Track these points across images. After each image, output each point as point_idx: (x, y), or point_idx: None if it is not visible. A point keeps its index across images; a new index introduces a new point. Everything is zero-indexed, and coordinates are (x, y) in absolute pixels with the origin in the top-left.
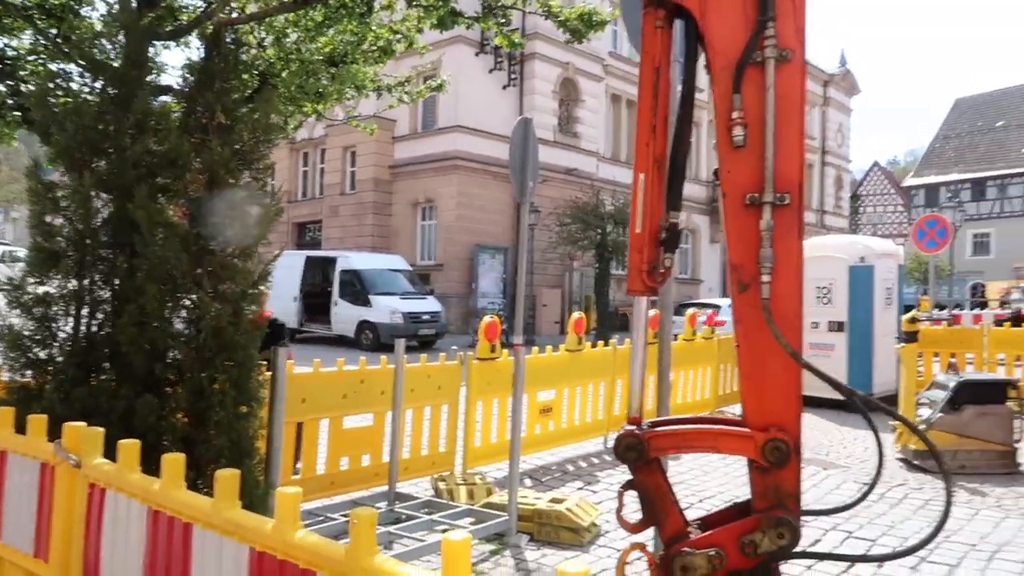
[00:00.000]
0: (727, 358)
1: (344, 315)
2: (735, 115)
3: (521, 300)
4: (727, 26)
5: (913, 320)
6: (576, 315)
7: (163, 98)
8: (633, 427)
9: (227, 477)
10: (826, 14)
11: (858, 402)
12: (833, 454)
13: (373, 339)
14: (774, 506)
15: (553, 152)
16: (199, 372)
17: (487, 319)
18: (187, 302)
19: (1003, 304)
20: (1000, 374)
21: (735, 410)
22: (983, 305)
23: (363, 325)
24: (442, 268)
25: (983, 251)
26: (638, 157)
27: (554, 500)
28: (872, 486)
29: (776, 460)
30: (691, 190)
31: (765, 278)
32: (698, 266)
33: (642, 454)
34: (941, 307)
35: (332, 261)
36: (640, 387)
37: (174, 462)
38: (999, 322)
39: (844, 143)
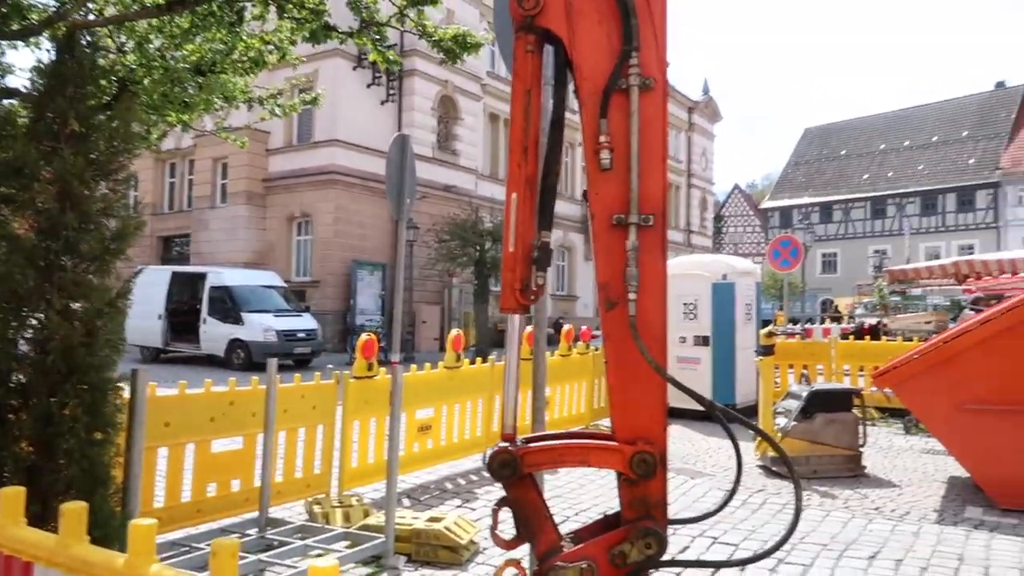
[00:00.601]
0: (601, 372)
1: (214, 333)
2: (602, 139)
3: (399, 317)
4: (594, 54)
5: (770, 334)
6: (454, 332)
7: (8, 101)
8: (507, 444)
9: (74, 510)
10: (691, 45)
11: (717, 414)
12: (700, 463)
13: (245, 358)
14: (642, 516)
15: (432, 169)
16: (47, 397)
17: (364, 336)
18: (34, 321)
19: (849, 319)
20: (846, 384)
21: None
22: (838, 319)
23: (234, 344)
24: (319, 285)
25: (831, 269)
26: (510, 178)
27: (432, 519)
28: (732, 494)
29: (643, 472)
30: (568, 209)
31: (631, 296)
32: (574, 282)
33: (516, 470)
34: (795, 321)
35: (201, 277)
36: (514, 404)
37: (12, 496)
38: (845, 336)
39: (708, 167)
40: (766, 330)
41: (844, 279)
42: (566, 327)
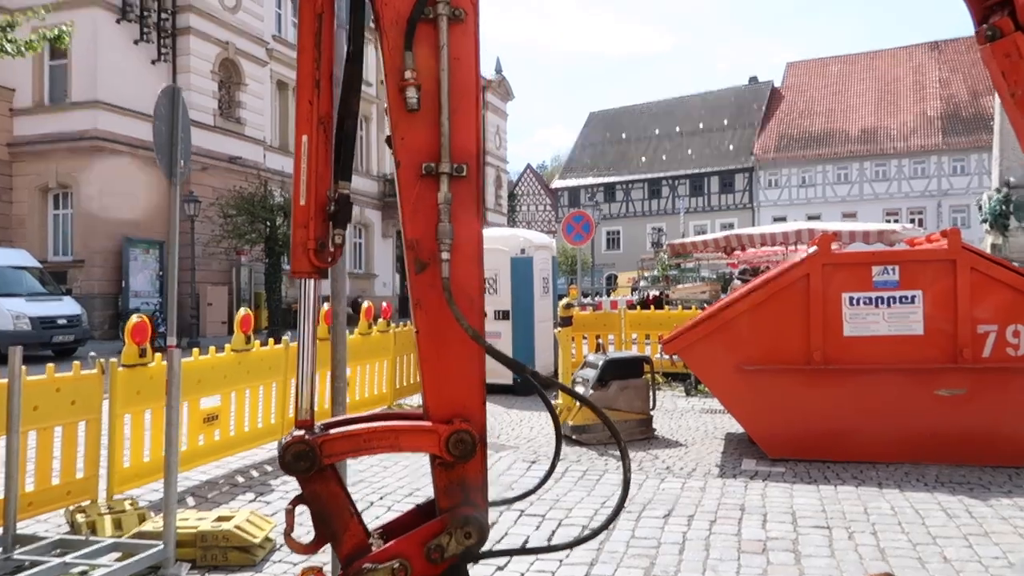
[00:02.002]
0: (403, 350)
1: None
2: (408, 75)
3: (174, 295)
4: None
5: (568, 306)
6: (242, 312)
7: None
8: (302, 432)
9: None
10: (484, 25)
11: (536, 384)
12: (503, 436)
13: None
14: (460, 503)
15: (214, 138)
16: None
17: (133, 319)
18: None
19: (633, 291)
20: (635, 351)
21: (413, 401)
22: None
23: None
24: (83, 265)
25: (615, 246)
26: (299, 117)
27: (221, 518)
28: (552, 467)
29: (461, 453)
30: (364, 184)
31: (444, 255)
32: (371, 260)
33: (314, 462)
34: (586, 295)
35: None
36: (310, 386)
37: None
38: (631, 306)
39: (502, 145)
40: (564, 302)
41: (626, 255)
42: (365, 304)
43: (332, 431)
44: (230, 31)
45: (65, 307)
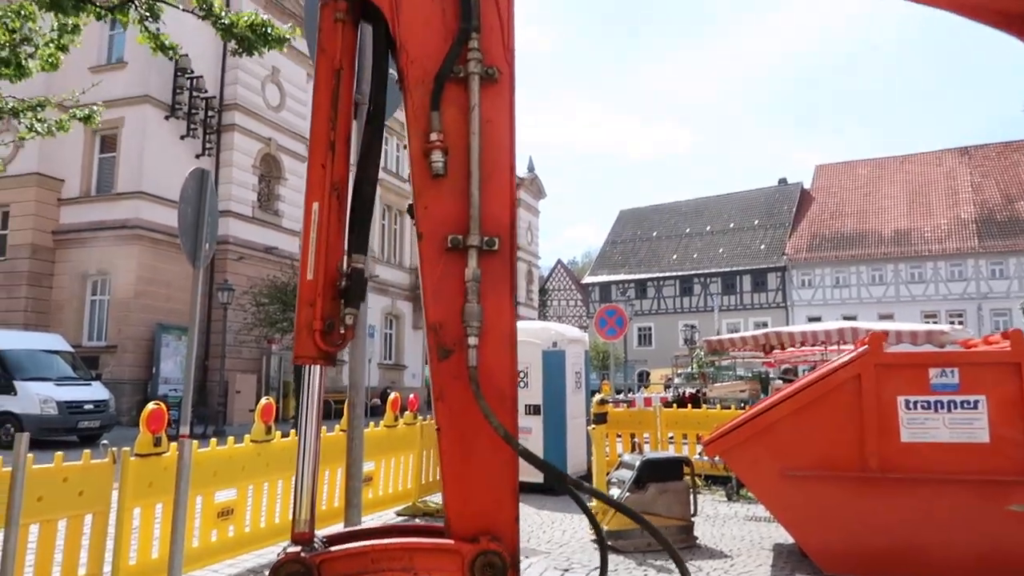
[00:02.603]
0: (429, 443)
1: None
2: (433, 137)
3: (190, 380)
4: (424, 31)
5: (603, 402)
6: (264, 401)
7: None
8: (298, 548)
9: None
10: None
11: (574, 493)
12: (534, 540)
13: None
14: None
15: (251, 229)
16: None
17: (150, 407)
18: None
19: (666, 388)
20: (672, 452)
21: (438, 498)
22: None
23: (4, 417)
24: (115, 350)
25: (646, 343)
26: (311, 183)
27: None
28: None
29: None
30: (395, 276)
31: (472, 340)
32: (402, 351)
33: None
34: (618, 392)
35: None
36: (310, 491)
37: None
38: (667, 404)
39: (533, 241)
40: (598, 398)
41: (658, 351)
42: (392, 395)
43: (335, 548)
44: (272, 128)
45: (93, 392)
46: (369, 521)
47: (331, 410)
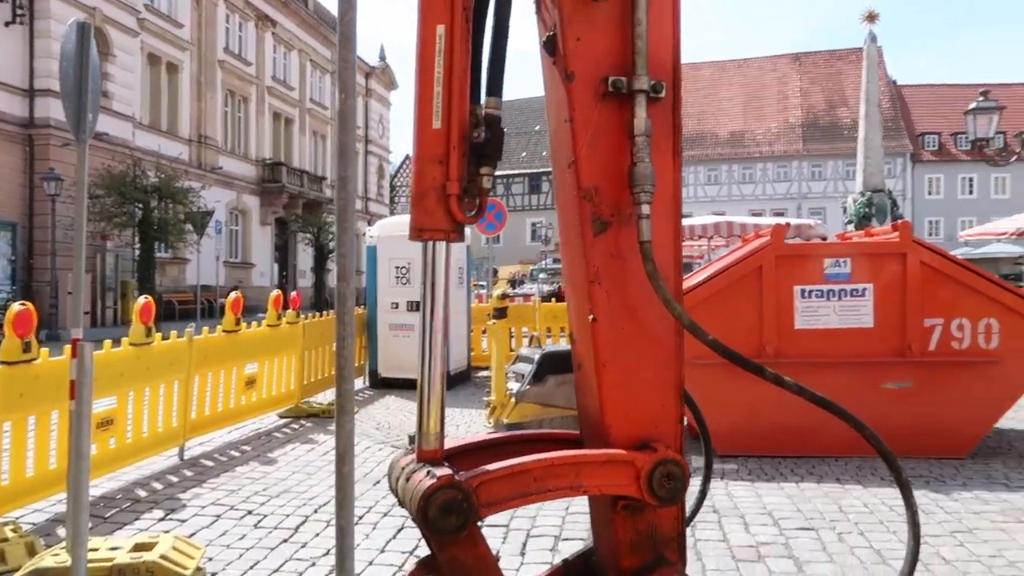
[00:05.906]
0: (312, 343)
1: None
2: None
3: (81, 272)
4: None
5: (503, 297)
6: (143, 300)
7: None
8: (447, 470)
9: None
10: (368, 12)
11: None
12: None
13: None
14: (652, 563)
15: None
16: None
17: (16, 307)
18: None
19: (513, 285)
20: (565, 344)
21: (318, 399)
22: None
23: None
24: None
25: (494, 240)
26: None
27: (139, 547)
28: (704, 490)
29: (668, 494)
30: (240, 168)
31: (644, 209)
32: (249, 249)
33: (469, 516)
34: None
35: None
36: (440, 400)
37: None
38: (545, 299)
39: (384, 134)
40: (498, 292)
41: (505, 249)
42: (233, 295)
43: (487, 469)
44: None
45: None
46: (255, 424)
47: (174, 311)
